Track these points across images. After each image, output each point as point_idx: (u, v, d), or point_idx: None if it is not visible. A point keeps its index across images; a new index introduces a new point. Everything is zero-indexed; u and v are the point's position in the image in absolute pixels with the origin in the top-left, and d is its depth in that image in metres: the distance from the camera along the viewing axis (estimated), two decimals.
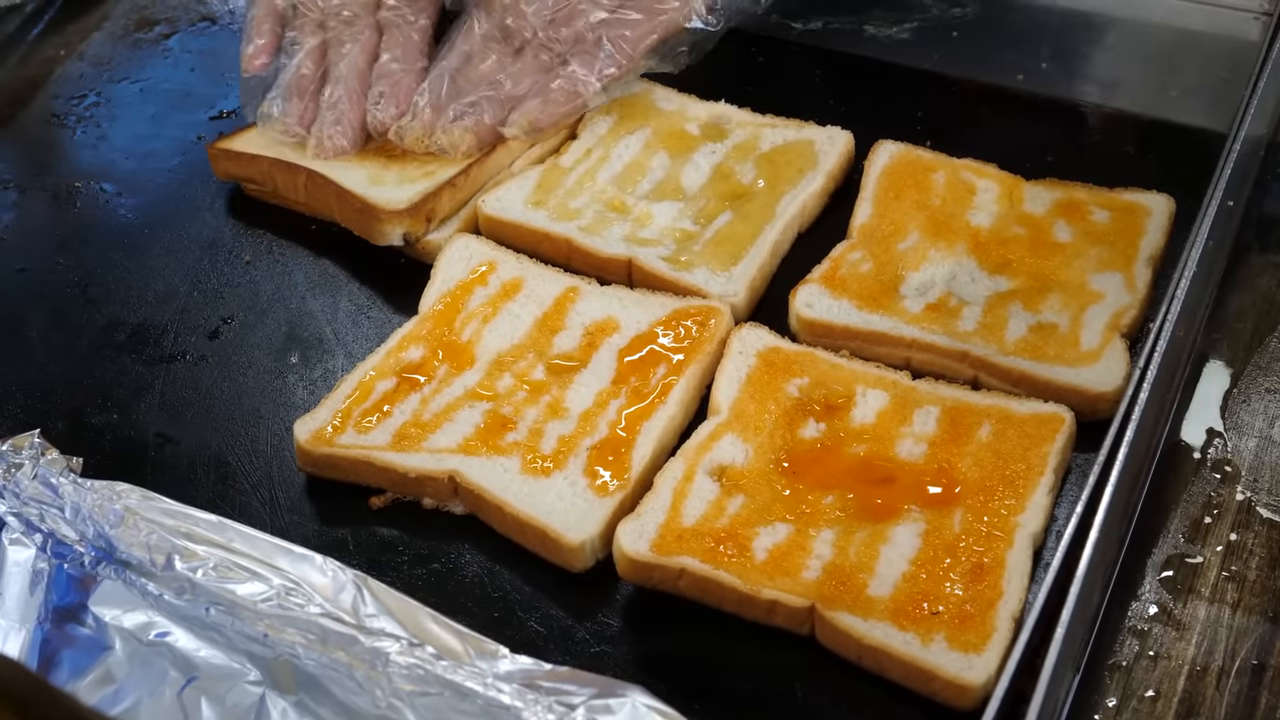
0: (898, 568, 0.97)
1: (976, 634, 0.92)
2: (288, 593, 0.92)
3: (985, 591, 0.94)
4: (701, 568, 0.96)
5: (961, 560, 0.96)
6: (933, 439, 1.04)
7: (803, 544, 0.98)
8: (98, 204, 1.35)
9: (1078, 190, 1.22)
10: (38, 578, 0.96)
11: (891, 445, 1.04)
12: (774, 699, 0.94)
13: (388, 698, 0.87)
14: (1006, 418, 1.05)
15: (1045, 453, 1.02)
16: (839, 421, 1.06)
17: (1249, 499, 1.03)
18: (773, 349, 1.11)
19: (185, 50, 1.52)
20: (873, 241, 1.19)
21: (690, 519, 1.00)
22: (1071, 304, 1.13)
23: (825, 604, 0.94)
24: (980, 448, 1.03)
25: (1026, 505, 0.99)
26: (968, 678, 0.90)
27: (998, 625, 0.92)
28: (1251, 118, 1.16)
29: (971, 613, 0.93)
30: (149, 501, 0.97)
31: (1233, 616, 0.97)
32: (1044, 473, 1.01)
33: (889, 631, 0.93)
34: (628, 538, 0.98)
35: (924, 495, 1.01)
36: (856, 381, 1.09)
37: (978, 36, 1.44)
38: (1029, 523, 0.98)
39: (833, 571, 0.96)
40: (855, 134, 1.28)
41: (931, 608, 0.94)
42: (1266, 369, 1.12)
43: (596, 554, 1.01)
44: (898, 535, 0.98)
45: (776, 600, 0.95)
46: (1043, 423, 1.04)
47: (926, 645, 0.92)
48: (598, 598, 1.00)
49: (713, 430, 1.06)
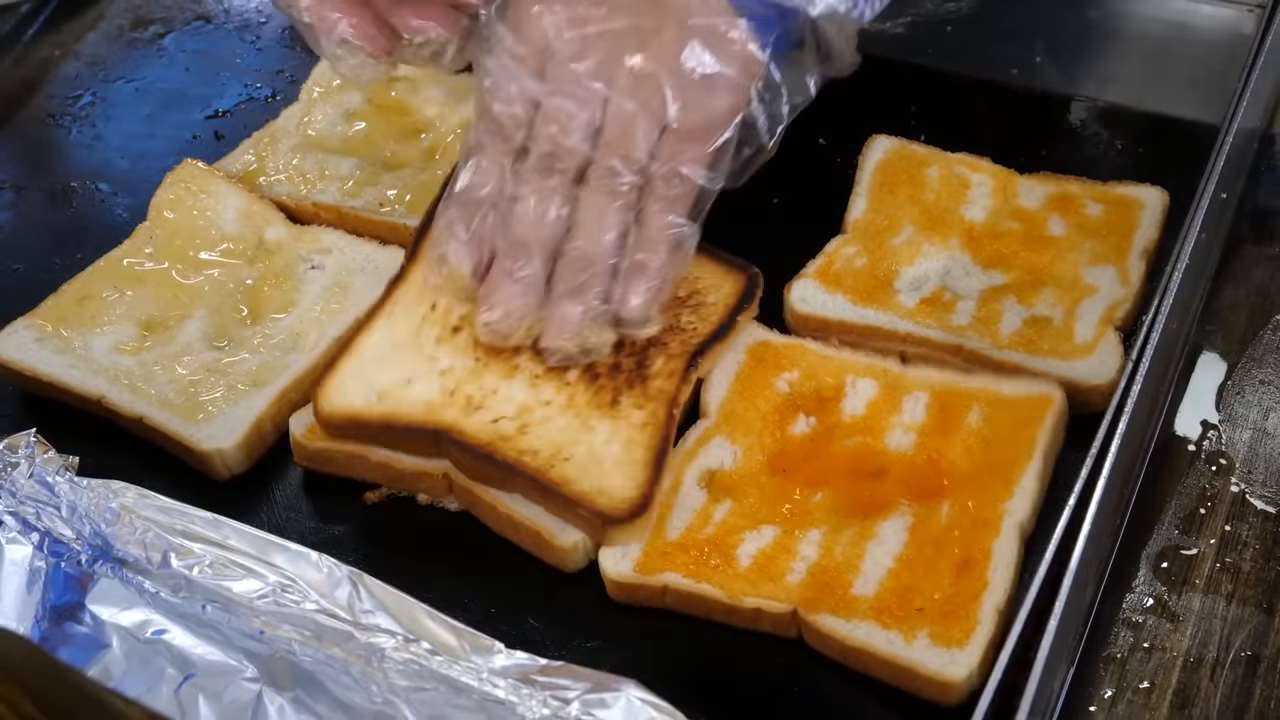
0: (883, 565, 0.96)
1: (960, 629, 0.91)
2: (284, 589, 0.92)
3: (970, 584, 0.93)
4: (684, 583, 0.96)
5: (947, 554, 0.95)
6: (922, 428, 1.04)
7: (788, 546, 0.98)
8: (94, 203, 1.35)
9: (1071, 184, 1.22)
10: (35, 576, 0.96)
11: (882, 437, 1.04)
12: (771, 694, 0.94)
13: (384, 693, 0.88)
14: (995, 400, 1.04)
15: (1033, 435, 1.01)
16: (829, 415, 1.06)
17: (1243, 491, 1.04)
18: (762, 343, 1.11)
19: (180, 50, 1.53)
20: (867, 236, 1.19)
21: (675, 532, 0.99)
22: (1065, 297, 1.13)
23: (807, 608, 0.94)
24: (969, 434, 1.02)
25: (1014, 492, 0.98)
26: (949, 674, 0.89)
27: (981, 619, 0.92)
28: (1245, 110, 1.16)
29: (955, 607, 0.92)
30: (145, 499, 0.97)
31: (1227, 608, 0.97)
32: (1032, 457, 0.99)
33: (871, 631, 0.92)
34: (609, 559, 0.98)
35: (914, 488, 1.00)
36: (846, 371, 1.09)
37: (972, 31, 1.44)
38: (1016, 510, 0.97)
39: (817, 574, 0.96)
40: (849, 129, 1.28)
41: (915, 604, 0.93)
42: (1260, 361, 1.12)
43: (589, 555, 1.00)
44: (885, 531, 0.98)
45: (759, 608, 0.95)
46: (1031, 403, 1.03)
47: (909, 643, 0.91)
48: (594, 593, 1.00)
49: (701, 435, 1.06)
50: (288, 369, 1.12)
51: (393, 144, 1.33)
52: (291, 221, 1.24)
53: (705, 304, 1.10)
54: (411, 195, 1.26)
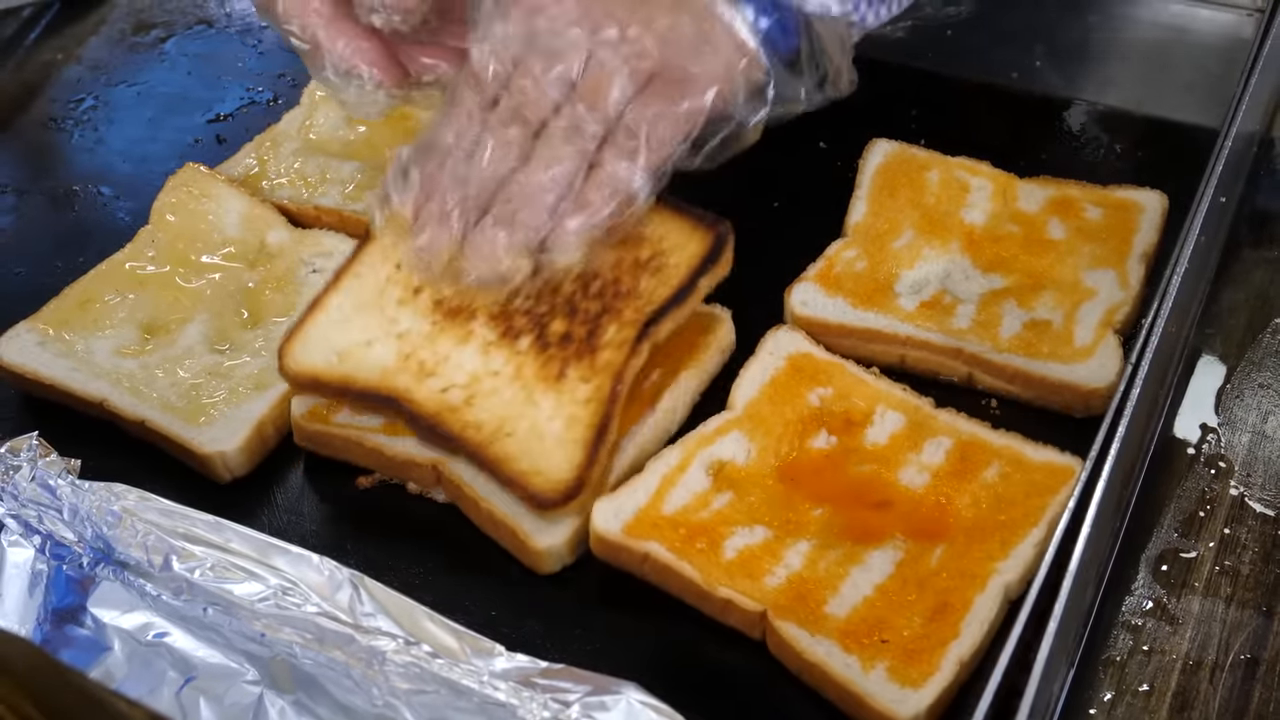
0: (862, 591, 0.95)
1: (919, 670, 0.90)
2: (285, 592, 0.93)
3: (941, 630, 0.92)
4: (665, 555, 0.96)
5: (928, 596, 0.94)
6: (938, 470, 1.02)
7: (775, 551, 0.98)
8: (96, 207, 1.35)
9: (1071, 187, 1.22)
10: (37, 579, 0.97)
11: (896, 470, 1.03)
12: (770, 699, 0.94)
13: (385, 696, 0.88)
14: (1017, 461, 1.02)
15: (1045, 504, 0.98)
16: (851, 438, 1.05)
17: (1242, 494, 1.04)
18: (804, 354, 1.10)
19: (182, 54, 1.53)
20: (867, 240, 1.20)
21: (671, 508, 1.00)
22: (1065, 301, 1.13)
23: (777, 612, 0.94)
24: (982, 488, 1.01)
25: (1010, 554, 0.96)
26: (898, 711, 0.88)
27: (942, 666, 0.90)
28: (1244, 114, 1.17)
29: (921, 649, 0.91)
30: (146, 502, 0.97)
31: (1226, 611, 0.97)
32: (1037, 524, 0.97)
33: (832, 650, 0.92)
34: (601, 515, 0.98)
35: (913, 526, 0.99)
36: (879, 400, 1.07)
37: (972, 35, 1.44)
38: (1007, 571, 0.95)
39: (795, 583, 0.96)
40: (849, 132, 1.29)
41: (882, 636, 0.92)
42: (1260, 364, 1.13)
43: (564, 560, 1.00)
44: (873, 560, 0.97)
45: (731, 600, 0.95)
46: (1052, 472, 1.01)
47: (866, 672, 0.90)
48: (594, 596, 1.00)
49: (720, 425, 1.06)
50: None
51: (394, 147, 1.32)
52: (293, 225, 1.24)
53: (667, 266, 1.04)
54: None
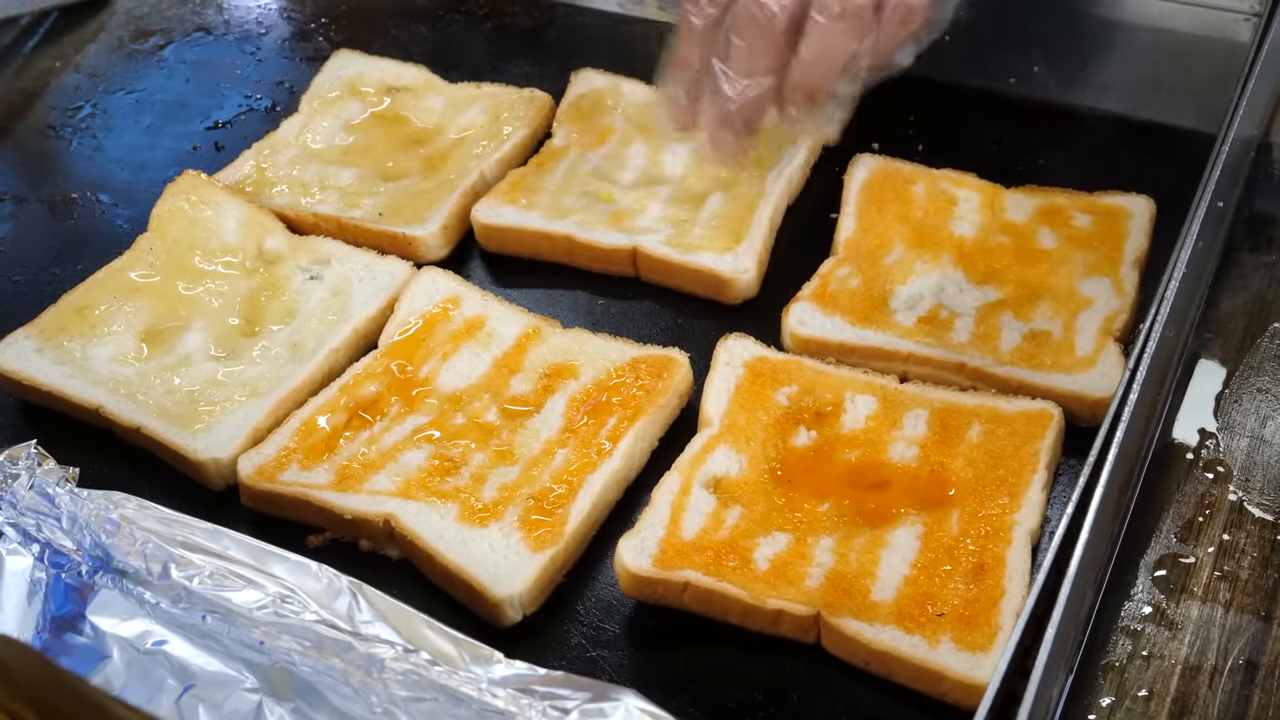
0: (899, 571, 0.97)
1: (982, 633, 0.93)
2: (283, 600, 0.93)
3: (988, 591, 0.95)
4: (705, 580, 0.96)
5: (962, 561, 0.97)
6: (924, 441, 1.05)
7: (803, 552, 0.98)
8: (94, 214, 1.35)
9: (1058, 196, 1.23)
10: (35, 587, 0.96)
11: (883, 450, 1.05)
12: (769, 705, 0.94)
13: (383, 703, 0.88)
14: (995, 417, 1.05)
15: (1036, 449, 1.03)
16: (829, 428, 1.06)
17: (1241, 499, 1.04)
18: (759, 359, 1.12)
19: (180, 61, 1.53)
20: (859, 256, 1.19)
21: (690, 533, 1.00)
22: (1062, 310, 1.13)
23: (831, 611, 0.95)
24: (972, 448, 1.04)
25: (1022, 503, 1.00)
26: (976, 677, 0.91)
27: (1003, 623, 0.93)
28: (1241, 119, 1.17)
29: (976, 612, 0.94)
30: (145, 510, 0.97)
31: (1225, 616, 0.97)
32: (1037, 469, 1.01)
33: (896, 635, 0.93)
34: (629, 553, 0.98)
35: (919, 498, 1.01)
36: (844, 387, 1.09)
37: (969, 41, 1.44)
38: (1026, 520, 0.99)
39: (835, 578, 0.97)
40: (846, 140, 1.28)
41: (936, 609, 0.94)
42: (1258, 369, 1.13)
43: (524, 609, 0.98)
44: (897, 539, 0.99)
45: (782, 610, 0.95)
46: (1031, 420, 1.05)
47: (934, 647, 0.92)
48: (593, 603, 1.00)
49: (705, 443, 1.06)
50: (285, 380, 1.12)
51: (392, 155, 1.33)
52: (291, 232, 1.24)
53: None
54: (411, 206, 1.26)
